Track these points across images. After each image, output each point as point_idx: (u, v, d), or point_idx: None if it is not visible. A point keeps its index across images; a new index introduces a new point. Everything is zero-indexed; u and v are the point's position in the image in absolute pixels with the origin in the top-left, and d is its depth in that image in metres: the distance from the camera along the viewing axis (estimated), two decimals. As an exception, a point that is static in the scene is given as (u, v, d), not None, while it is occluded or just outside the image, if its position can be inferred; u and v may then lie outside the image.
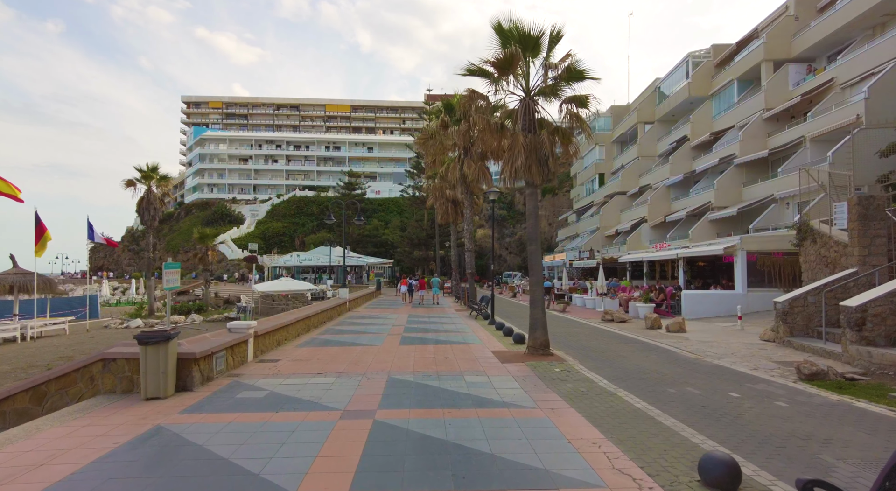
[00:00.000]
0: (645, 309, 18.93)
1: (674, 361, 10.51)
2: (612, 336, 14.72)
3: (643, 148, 44.25)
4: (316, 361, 10.53)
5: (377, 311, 23.94)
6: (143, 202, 26.15)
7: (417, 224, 58.39)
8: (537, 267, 10.84)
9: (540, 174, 10.60)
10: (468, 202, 24.15)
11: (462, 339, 13.75)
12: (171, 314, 24.99)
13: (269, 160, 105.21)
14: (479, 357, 10.71)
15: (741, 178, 31.05)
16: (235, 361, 9.77)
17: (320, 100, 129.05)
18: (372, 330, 16.01)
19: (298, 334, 14.53)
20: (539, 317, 10.66)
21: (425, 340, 13.60)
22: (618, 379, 8.75)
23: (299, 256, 55.94)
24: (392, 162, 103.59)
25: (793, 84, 30.13)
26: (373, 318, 20.33)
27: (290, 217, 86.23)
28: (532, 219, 10.90)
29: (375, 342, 13.15)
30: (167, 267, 11.94)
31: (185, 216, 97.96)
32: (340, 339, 13.98)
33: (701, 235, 30.50)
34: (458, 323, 18.02)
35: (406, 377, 8.70)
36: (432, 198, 36.77)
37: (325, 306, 18.22)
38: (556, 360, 10.25)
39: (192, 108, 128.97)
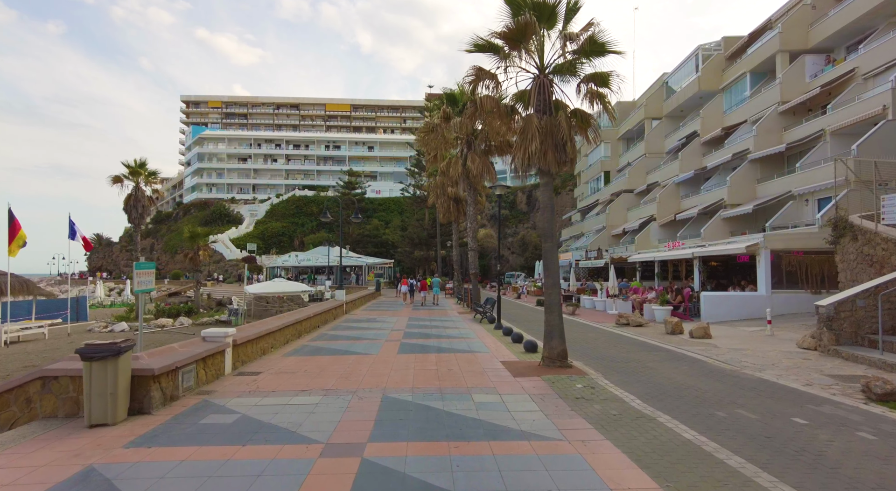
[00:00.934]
0: (662, 312, 17.65)
1: (709, 374, 9.23)
2: (632, 343, 13.44)
3: (650, 144, 42.97)
4: (302, 373, 9.27)
5: (376, 313, 22.70)
6: (131, 200, 24.89)
7: (418, 223, 57.15)
8: (553, 267, 9.57)
9: (556, 161, 9.35)
10: (471, 199, 22.89)
11: (467, 346, 12.48)
12: (159, 318, 23.78)
13: (268, 159, 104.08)
14: (487, 369, 9.44)
15: (756, 174, 29.77)
16: (209, 374, 8.51)
17: (320, 99, 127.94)
18: (368, 335, 14.75)
19: (287, 341, 13.28)
20: (556, 324, 9.40)
21: (426, 347, 12.34)
22: (652, 398, 7.48)
23: (298, 257, 54.73)
24: (393, 161, 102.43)
25: (810, 76, 28.84)
26: (370, 321, 19.08)
27: (289, 217, 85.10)
28: (547, 212, 9.63)
29: (371, 351, 11.89)
30: (139, 267, 10.68)
31: (183, 216, 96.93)
32: (333, 346, 12.73)
33: (714, 234, 29.23)
34: (461, 327, 16.76)
35: (404, 396, 7.44)
36: (433, 196, 35.52)
37: (318, 309, 16.98)
38: (576, 373, 8.98)
39: (192, 108, 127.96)
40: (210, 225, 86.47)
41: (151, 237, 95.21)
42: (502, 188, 16.06)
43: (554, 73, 9.97)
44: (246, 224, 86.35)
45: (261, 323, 12.37)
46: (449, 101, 22.19)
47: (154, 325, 21.41)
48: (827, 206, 21.61)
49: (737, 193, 29.75)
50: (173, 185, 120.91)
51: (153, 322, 21.83)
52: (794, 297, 17.38)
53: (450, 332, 15.49)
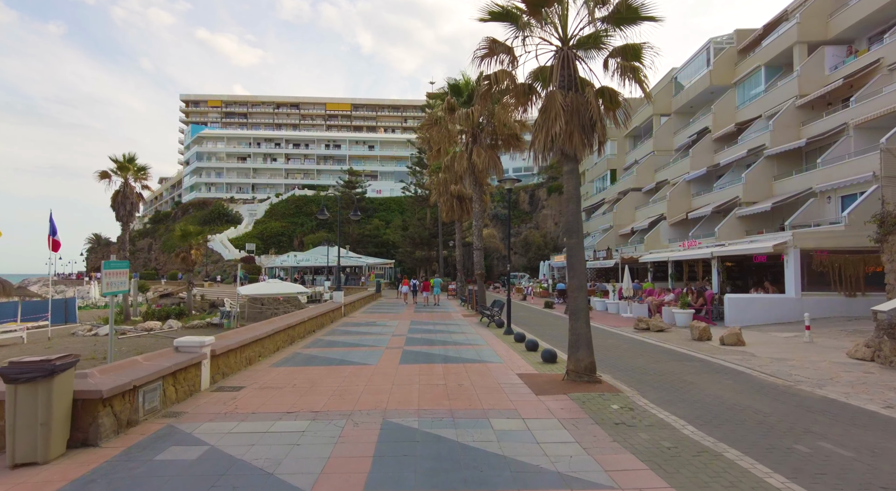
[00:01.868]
0: (683, 316, 16.40)
1: (760, 391, 7.98)
2: (658, 351, 12.19)
3: (659, 141, 41.72)
4: (290, 389, 8.04)
5: (376, 316, 21.46)
6: (119, 196, 23.64)
7: (419, 223, 55.90)
8: (579, 266, 8.32)
9: (583, 143, 8.11)
10: (477, 195, 21.64)
11: (477, 355, 11.24)
12: (147, 321, 22.56)
13: (267, 159, 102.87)
14: (504, 384, 8.20)
15: (772, 170, 28.53)
16: (180, 392, 7.27)
17: (321, 98, 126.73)
18: (368, 341, 13.51)
19: (278, 348, 12.04)
20: (583, 332, 8.16)
21: (431, 356, 11.09)
22: (706, 423, 6.23)
23: (296, 257, 53.51)
24: (393, 160, 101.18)
25: (830, 68, 27.61)
26: (370, 325, 17.84)
27: (288, 217, 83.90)
28: (573, 203, 8.38)
29: (370, 360, 10.64)
30: (108, 266, 9.42)
31: (181, 216, 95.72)
32: (328, 354, 11.49)
33: (729, 233, 28.00)
34: (468, 332, 15.52)
35: (408, 421, 6.19)
36: (436, 194, 34.27)
37: (314, 313, 15.74)
38: (608, 389, 7.73)
39: (191, 107, 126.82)
40: (209, 224, 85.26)
41: (149, 237, 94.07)
42: (511, 182, 14.83)
43: (578, 47, 8.73)
44: (245, 224, 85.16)
45: (247, 329, 11.13)
46: (453, 91, 20.95)
47: (141, 328, 20.19)
48: (855, 203, 20.36)
49: (752, 191, 28.50)
50: (172, 185, 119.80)
51: (140, 325, 20.61)
52: (826, 300, 16.12)
53: (456, 337, 14.24)
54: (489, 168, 20.74)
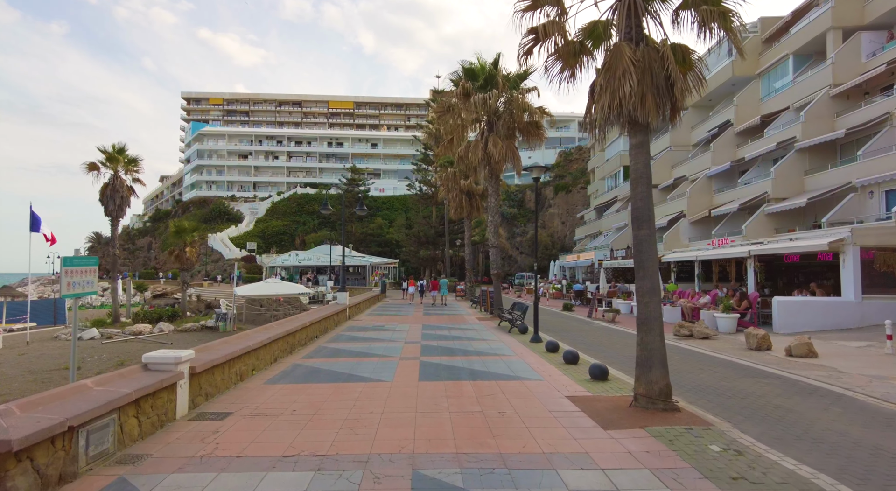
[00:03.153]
0: (726, 321, 14.70)
1: (891, 424, 6.29)
2: (717, 363, 10.49)
3: (676, 136, 39.98)
4: (288, 417, 6.38)
5: (383, 319, 19.81)
6: (108, 190, 21.99)
7: (425, 221, 54.24)
8: (651, 264, 6.63)
9: (657, 108, 6.44)
10: (492, 189, 19.94)
11: (508, 369, 9.56)
12: (137, 323, 20.93)
13: (269, 157, 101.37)
14: (556, 412, 6.53)
15: (803, 164, 26.83)
16: (147, 424, 5.62)
17: (323, 96, 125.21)
18: (378, 350, 11.84)
19: (276, 358, 10.38)
20: (656, 347, 6.47)
21: (455, 369, 9.42)
22: (861, 479, 4.55)
23: (298, 256, 51.92)
24: (397, 159, 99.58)
25: (866, 55, 25.92)
26: (378, 330, 16.18)
27: (290, 215, 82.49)
28: (642, 185, 6.70)
29: (383, 374, 8.97)
30: (69, 263, 7.78)
31: (182, 214, 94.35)
32: (334, 367, 9.82)
33: (757, 231, 26.31)
34: (488, 338, 13.85)
35: (448, 473, 4.52)
36: (444, 189, 32.70)
37: (316, 316, 14.08)
38: (693, 421, 6.05)
39: (193, 105, 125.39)
40: (209, 223, 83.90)
41: (149, 235, 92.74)
42: (539, 170, 13.14)
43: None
44: (246, 222, 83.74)
45: (238, 338, 9.46)
46: (468, 75, 19.27)
47: (129, 332, 18.54)
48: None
49: (782, 186, 26.80)
50: (173, 183, 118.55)
51: (129, 329, 18.96)
52: (891, 304, 14.39)
53: (477, 345, 12.56)
54: (506, 159, 19.06)
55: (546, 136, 19.95)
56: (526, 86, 19.06)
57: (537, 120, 19.55)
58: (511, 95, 19.15)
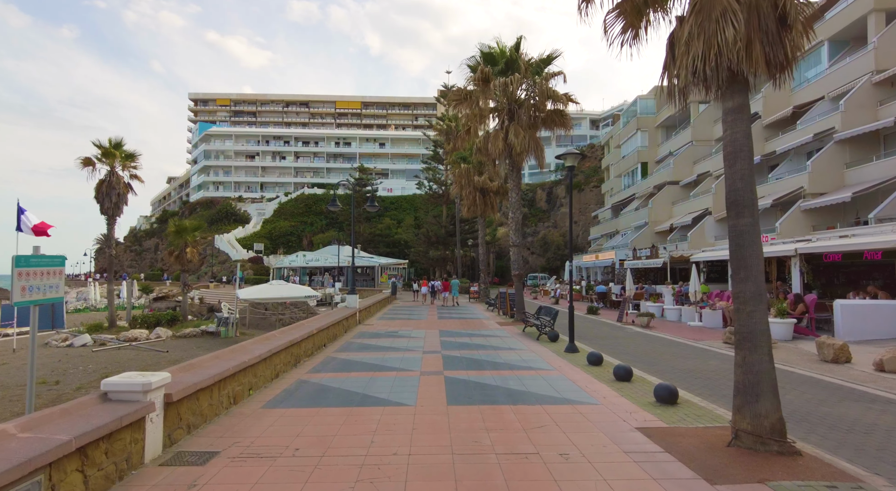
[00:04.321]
0: (781, 327, 13.11)
1: None
2: (797, 380, 8.90)
3: (698, 131, 38.33)
4: (289, 459, 4.94)
5: (396, 324, 18.37)
6: (104, 186, 20.68)
7: (435, 220, 52.78)
8: (755, 261, 5.11)
9: (765, 59, 4.95)
10: (514, 183, 18.43)
11: (550, 387, 8.06)
12: (133, 328, 19.63)
13: (276, 157, 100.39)
14: (633, 452, 5.04)
15: (843, 157, 25.11)
16: (96, 479, 4.18)
17: (330, 96, 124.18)
18: (394, 362, 10.38)
19: (277, 374, 8.95)
20: (765, 370, 4.96)
21: (487, 388, 7.94)
22: None
23: (305, 257, 50.70)
24: (405, 158, 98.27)
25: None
26: (392, 336, 14.73)
27: (297, 216, 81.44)
28: (743, 161, 5.20)
29: (404, 396, 7.51)
30: (22, 264, 6.38)
31: (189, 215, 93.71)
32: (344, 385, 8.37)
33: (791, 228, 24.68)
34: (517, 348, 12.36)
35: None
36: (457, 186, 31.25)
37: (324, 322, 12.65)
38: (828, 471, 4.52)
39: (200, 106, 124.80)
40: (216, 224, 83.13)
41: (156, 237, 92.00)
42: (574, 157, 11.64)
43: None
44: (253, 223, 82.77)
45: (233, 351, 8.01)
46: (487, 61, 17.77)
47: (124, 338, 17.22)
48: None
49: (820, 180, 25.09)
50: (180, 184, 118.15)
51: (123, 334, 17.64)
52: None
53: (507, 356, 11.08)
54: (529, 150, 17.56)
55: (572, 126, 18.42)
56: (550, 71, 17.55)
57: (561, 108, 18.03)
58: (533, 81, 17.65)
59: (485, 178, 28.37)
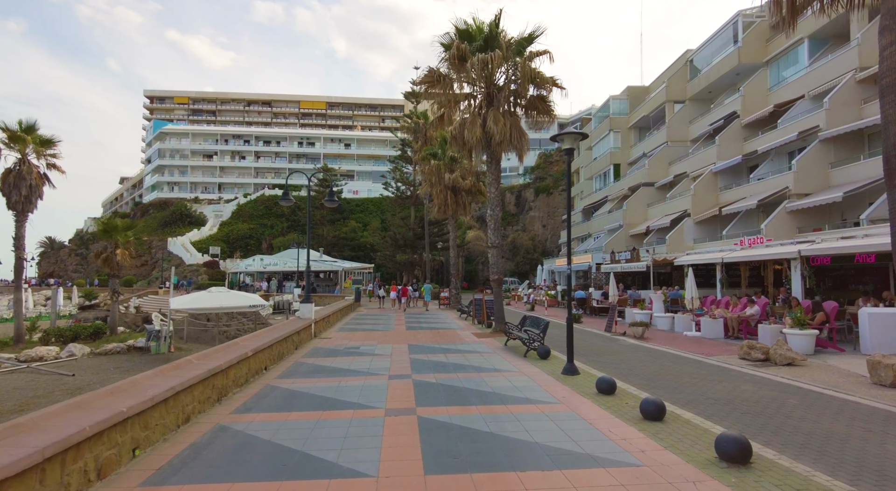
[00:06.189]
0: (801, 340, 11.44)
1: None
2: (870, 416, 7.10)
3: (673, 131, 37.39)
4: None
5: (359, 337, 16.01)
6: (10, 176, 17.50)
7: (403, 222, 50.45)
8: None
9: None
10: (493, 176, 16.38)
11: (564, 434, 5.94)
12: (43, 344, 16.56)
13: (236, 157, 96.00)
14: None
15: (828, 156, 24.19)
16: None
17: (294, 96, 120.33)
18: (351, 394, 8.06)
19: (188, 418, 6.52)
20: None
21: (478, 439, 5.77)
22: None
23: (263, 261, 47.49)
24: (371, 160, 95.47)
25: (894, 37, 23.37)
26: (352, 354, 12.39)
27: (257, 218, 77.75)
28: None
29: (361, 459, 5.23)
30: None
31: (141, 217, 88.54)
32: (279, 434, 6.02)
33: (777, 230, 23.55)
34: (503, 369, 10.23)
35: None
36: (427, 185, 29.08)
37: (266, 340, 10.19)
38: None
39: (156, 104, 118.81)
40: (170, 226, 78.60)
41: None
42: (573, 139, 9.64)
43: None
44: (209, 225, 78.52)
45: (111, 393, 5.53)
46: (462, 37, 15.72)
47: (25, 358, 14.22)
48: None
49: (805, 180, 24.10)
50: (133, 185, 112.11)
51: (27, 353, 14.61)
52: None
53: (493, 381, 8.92)
54: (510, 139, 15.55)
55: (555, 115, 16.54)
56: (533, 50, 15.61)
57: (545, 94, 16.12)
58: (515, 63, 15.67)
59: (456, 176, 26.32)
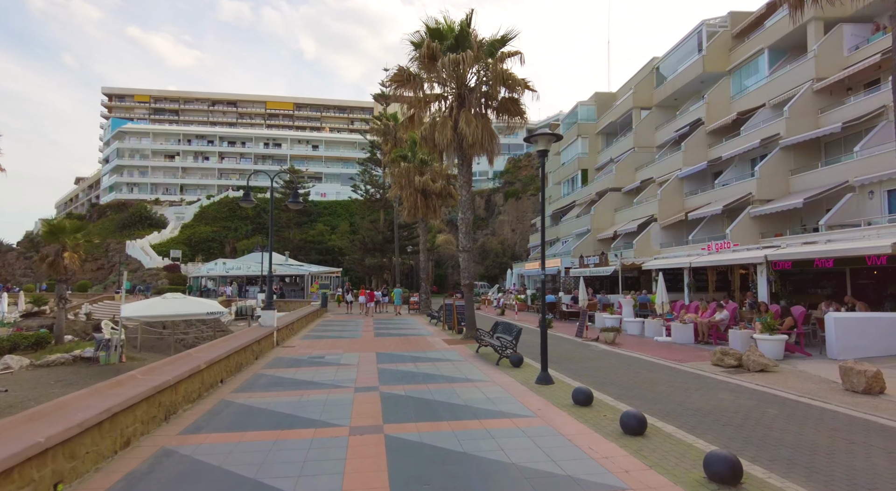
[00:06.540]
0: (771, 345, 11.45)
1: None
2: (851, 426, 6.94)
3: (640, 137, 37.98)
4: None
5: (325, 344, 15.35)
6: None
7: (372, 226, 49.70)
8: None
9: None
10: (464, 178, 16.00)
11: (541, 452, 5.54)
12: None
13: (199, 157, 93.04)
14: None
15: (788, 163, 24.85)
16: None
17: (260, 96, 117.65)
18: (312, 410, 7.47)
19: (127, 442, 5.85)
20: None
21: (452, 461, 5.30)
22: None
23: (226, 265, 45.94)
24: (340, 162, 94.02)
25: (849, 48, 24.40)
26: (316, 364, 11.77)
27: (220, 220, 75.33)
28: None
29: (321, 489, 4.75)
30: None
31: (97, 219, 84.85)
32: (229, 459, 5.42)
33: (742, 235, 23.99)
34: (475, 379, 9.81)
35: None
36: (397, 187, 28.55)
37: (222, 350, 9.48)
38: None
39: (115, 102, 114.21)
40: (129, 228, 75.44)
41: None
42: (547, 140, 9.35)
43: None
44: (170, 228, 75.72)
45: (31, 419, 4.86)
46: (433, 35, 15.35)
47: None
48: None
49: (767, 187, 24.67)
50: (89, 185, 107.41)
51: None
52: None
53: (465, 392, 8.49)
54: (482, 140, 15.22)
55: (527, 117, 16.32)
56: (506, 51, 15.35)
57: (516, 96, 15.89)
58: (486, 64, 15.38)
59: (427, 179, 25.90)
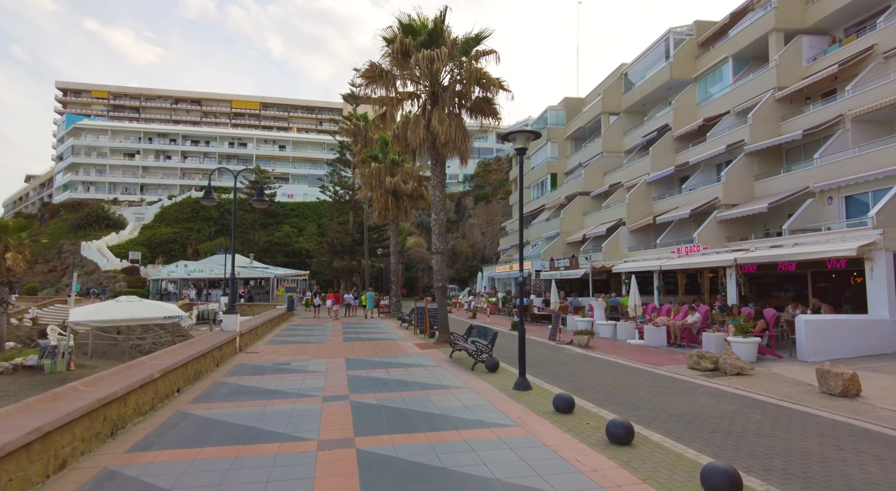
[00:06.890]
0: (744, 347, 11.47)
1: None
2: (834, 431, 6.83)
3: (609, 142, 38.45)
4: None
5: (290, 350, 14.70)
6: None
7: (341, 228, 48.82)
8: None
9: None
10: (438, 179, 15.63)
11: (526, 466, 5.19)
12: None
13: (161, 156, 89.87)
14: None
15: (752, 169, 25.46)
16: None
17: (226, 95, 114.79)
18: (277, 423, 6.97)
19: (63, 463, 5.23)
20: None
21: (432, 479, 4.94)
22: None
23: (187, 267, 44.30)
24: (308, 163, 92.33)
25: (807, 59, 25.24)
26: (280, 372, 11.17)
27: (182, 221, 72.87)
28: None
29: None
30: None
31: (49, 219, 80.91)
32: (182, 481, 4.91)
33: (709, 239, 24.39)
34: (449, 383, 9.43)
35: None
36: (367, 188, 28.02)
37: (178, 358, 8.81)
38: None
39: (71, 97, 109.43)
40: (85, 229, 72.03)
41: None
42: (524, 138, 9.08)
43: None
44: (129, 229, 72.80)
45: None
46: (406, 31, 14.97)
47: None
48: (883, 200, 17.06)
49: (733, 192, 25.18)
50: (41, 184, 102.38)
51: None
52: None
53: (441, 400, 8.10)
54: (455, 139, 14.90)
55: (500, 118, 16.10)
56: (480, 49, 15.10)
57: (490, 96, 15.65)
58: (460, 62, 15.09)
59: (398, 180, 25.46)
